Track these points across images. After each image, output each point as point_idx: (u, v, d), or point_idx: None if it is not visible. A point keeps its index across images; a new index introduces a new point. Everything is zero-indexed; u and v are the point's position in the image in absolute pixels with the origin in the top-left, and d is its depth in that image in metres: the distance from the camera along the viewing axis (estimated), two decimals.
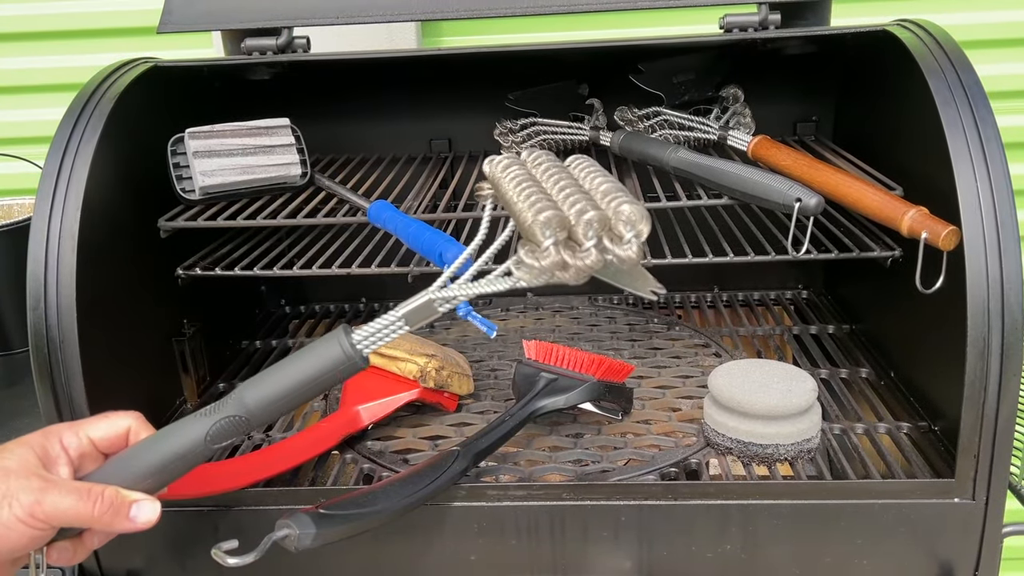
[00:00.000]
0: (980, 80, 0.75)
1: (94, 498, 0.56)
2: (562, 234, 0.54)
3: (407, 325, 0.61)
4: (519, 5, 0.89)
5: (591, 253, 0.53)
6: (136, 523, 0.57)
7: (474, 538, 0.76)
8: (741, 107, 1.05)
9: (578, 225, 0.53)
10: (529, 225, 0.54)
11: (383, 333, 0.61)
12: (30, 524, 0.54)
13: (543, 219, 0.53)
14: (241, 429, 0.59)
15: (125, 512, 0.57)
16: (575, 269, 0.54)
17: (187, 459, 0.59)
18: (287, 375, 0.60)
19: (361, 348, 0.60)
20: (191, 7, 0.92)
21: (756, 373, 0.80)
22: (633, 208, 0.53)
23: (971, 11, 1.42)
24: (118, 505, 0.57)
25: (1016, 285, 0.69)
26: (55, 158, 0.78)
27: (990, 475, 0.72)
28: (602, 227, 0.54)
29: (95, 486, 0.56)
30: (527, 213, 0.55)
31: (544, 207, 0.54)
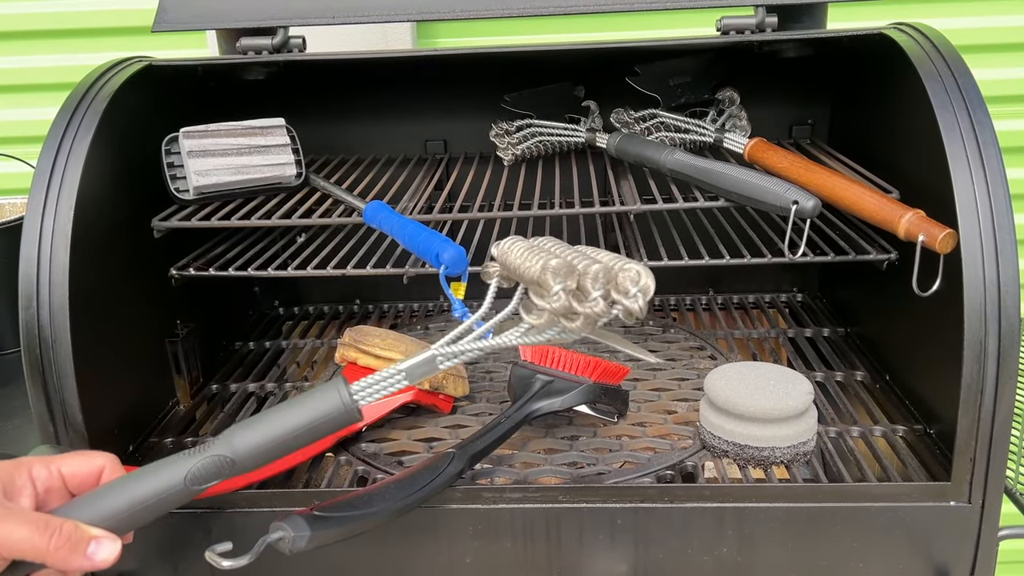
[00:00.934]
0: (977, 84, 0.75)
1: (51, 531, 0.53)
2: (571, 282, 0.56)
3: (408, 380, 0.62)
4: (515, 6, 0.89)
5: (598, 302, 0.55)
6: (94, 560, 0.55)
7: (469, 541, 0.75)
8: (737, 109, 1.05)
9: (586, 275, 0.56)
10: (538, 274, 0.57)
11: (382, 386, 0.62)
12: None
13: (553, 265, 0.56)
14: (225, 471, 0.58)
15: (83, 548, 0.54)
16: (583, 317, 0.56)
17: (163, 500, 0.57)
18: (280, 420, 0.59)
19: (358, 399, 0.60)
20: (186, 6, 0.91)
21: (752, 376, 0.80)
22: (639, 266, 0.55)
23: (968, 15, 1.43)
24: (76, 540, 0.54)
25: (1013, 288, 0.69)
26: (48, 157, 0.77)
27: (986, 478, 0.72)
28: (608, 280, 0.55)
29: (53, 518, 0.54)
30: (535, 266, 0.57)
31: (552, 259, 0.57)
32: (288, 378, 1.04)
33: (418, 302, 1.23)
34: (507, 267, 0.62)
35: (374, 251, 0.94)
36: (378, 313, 1.22)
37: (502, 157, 1.10)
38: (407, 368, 0.62)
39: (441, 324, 1.14)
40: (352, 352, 0.90)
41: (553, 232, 1.00)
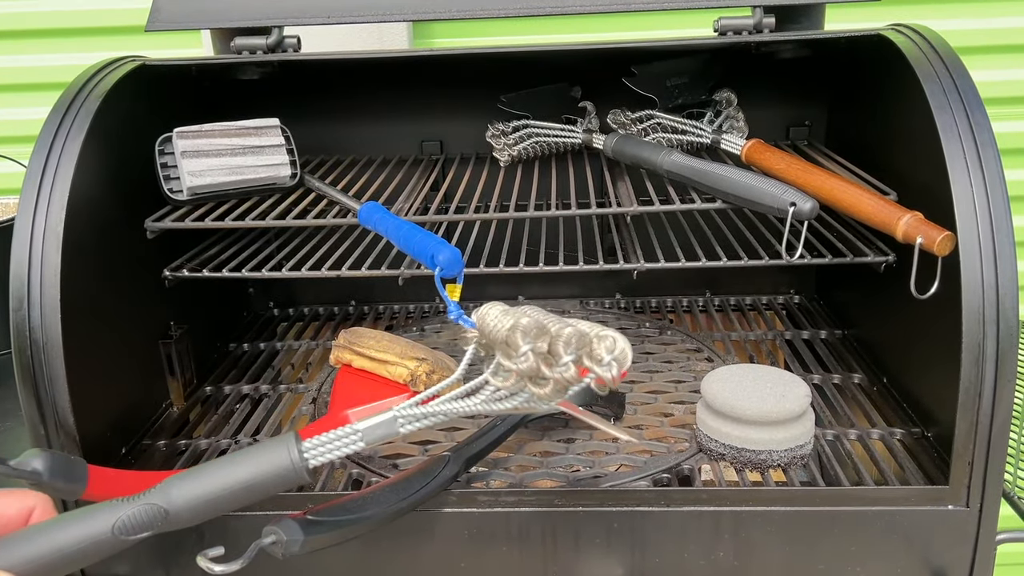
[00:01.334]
0: (975, 86, 0.74)
1: None
2: (541, 343, 0.54)
3: (363, 441, 0.59)
4: (511, 6, 0.88)
5: (569, 367, 0.52)
6: None
7: (464, 544, 0.75)
8: (734, 111, 1.05)
9: (558, 338, 0.53)
10: (507, 333, 0.54)
11: (336, 445, 0.58)
12: None
13: (523, 324, 0.54)
14: (158, 522, 0.55)
15: None
16: (552, 382, 0.53)
17: (88, 549, 0.54)
18: (223, 475, 0.56)
19: (308, 459, 0.57)
20: (180, 5, 0.91)
21: (749, 378, 0.79)
22: (617, 334, 0.53)
23: (967, 17, 1.43)
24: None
25: (1011, 291, 0.69)
26: (40, 157, 0.77)
27: (984, 482, 0.71)
28: (582, 345, 0.53)
29: None
30: (507, 327, 0.55)
31: (524, 318, 0.55)
32: (283, 380, 1.03)
33: (414, 303, 1.23)
34: (483, 331, 0.60)
35: (369, 252, 0.94)
36: (373, 314, 1.22)
37: (498, 158, 1.09)
38: (364, 429, 0.58)
39: (437, 326, 1.14)
40: (347, 354, 0.90)
41: (549, 234, 1.00)
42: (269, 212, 0.93)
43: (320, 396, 0.95)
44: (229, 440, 0.87)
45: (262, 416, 0.93)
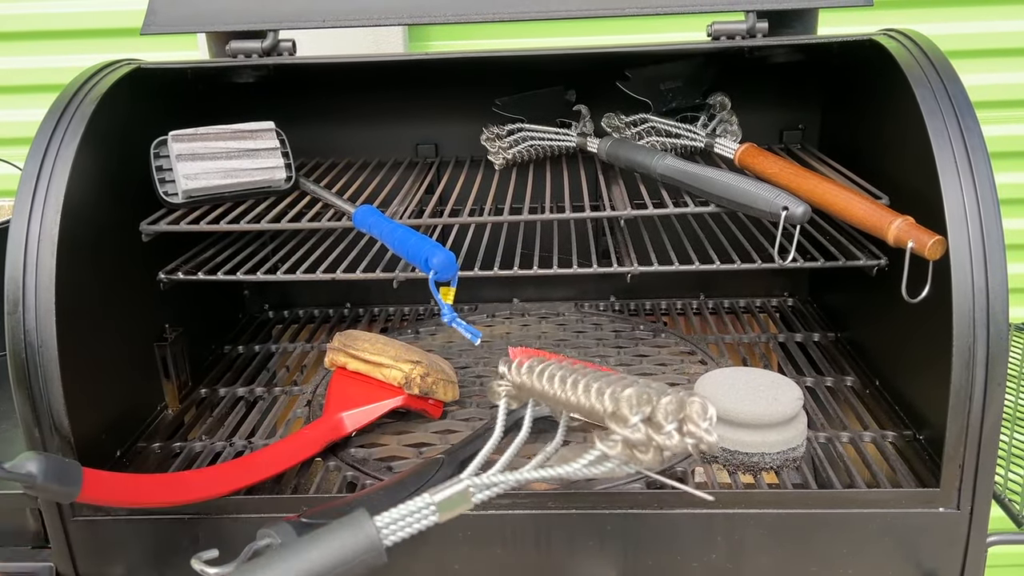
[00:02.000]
0: (966, 90, 0.75)
1: None
2: (646, 409, 0.54)
3: (438, 514, 0.58)
4: (506, 10, 0.89)
5: (672, 435, 0.53)
6: None
7: (459, 547, 0.75)
8: (728, 115, 1.05)
9: (658, 408, 0.53)
10: (607, 406, 0.55)
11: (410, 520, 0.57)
12: None
13: (627, 395, 0.54)
14: None
15: None
16: (654, 449, 0.53)
17: None
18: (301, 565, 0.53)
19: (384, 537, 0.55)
20: (175, 9, 0.91)
21: (742, 381, 0.80)
22: (700, 397, 0.53)
23: (957, 21, 1.43)
24: None
25: (1001, 295, 0.69)
26: (35, 160, 0.77)
27: (975, 484, 0.72)
28: (679, 412, 0.53)
29: None
30: (600, 396, 0.56)
31: (621, 388, 0.55)
32: (278, 382, 1.03)
33: (408, 306, 1.23)
34: (531, 391, 0.61)
35: (364, 255, 0.94)
36: (368, 317, 1.22)
37: (493, 161, 1.09)
38: (439, 502, 0.57)
39: (431, 328, 1.14)
40: (342, 357, 0.90)
41: (544, 237, 1.00)
42: (264, 215, 0.93)
43: (315, 399, 0.95)
44: (224, 443, 0.87)
45: (257, 418, 0.93)
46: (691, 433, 0.52)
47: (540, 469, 0.59)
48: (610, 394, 0.55)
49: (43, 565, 0.79)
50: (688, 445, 0.52)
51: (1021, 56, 1.45)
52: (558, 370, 0.61)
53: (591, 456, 0.56)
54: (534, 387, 0.61)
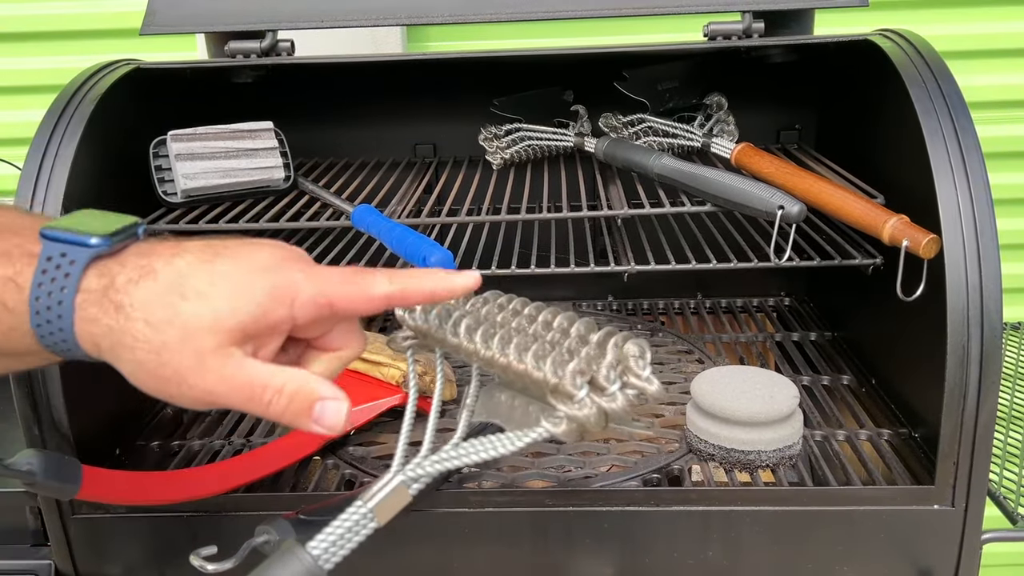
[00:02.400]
0: (960, 90, 0.75)
1: (268, 398, 0.47)
2: (588, 375, 0.51)
3: (375, 521, 0.54)
4: (504, 10, 0.89)
5: (616, 396, 0.50)
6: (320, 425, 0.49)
7: (456, 545, 0.75)
8: (725, 115, 1.05)
9: (600, 371, 0.50)
10: (548, 379, 0.51)
11: (347, 537, 0.54)
12: (198, 405, 0.47)
13: (572, 369, 0.50)
14: None
15: (307, 413, 0.49)
16: (601, 415, 0.50)
17: None
18: None
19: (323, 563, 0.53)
20: (174, 9, 0.91)
21: (738, 379, 0.80)
22: (631, 338, 0.51)
23: (952, 22, 1.44)
24: (297, 405, 0.48)
25: (995, 293, 0.70)
26: (35, 159, 0.77)
27: (969, 482, 0.72)
28: (620, 365, 0.51)
29: (274, 379, 0.48)
30: (538, 363, 0.52)
31: (560, 357, 0.52)
32: None
33: None
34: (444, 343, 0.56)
35: (362, 254, 0.94)
36: (367, 317, 1.22)
37: (491, 161, 1.10)
38: (374, 506, 0.54)
39: None
40: None
41: (541, 236, 1.00)
42: (263, 214, 0.93)
43: None
44: (223, 441, 0.88)
45: (254, 418, 0.94)
46: (632, 385, 0.50)
47: (475, 448, 0.54)
48: (551, 363, 0.51)
49: (42, 563, 0.79)
50: (632, 400, 0.50)
51: (1016, 57, 1.46)
52: (474, 320, 0.56)
53: (537, 434, 0.52)
54: (447, 339, 0.56)
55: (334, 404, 0.49)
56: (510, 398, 0.59)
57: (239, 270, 0.47)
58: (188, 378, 0.46)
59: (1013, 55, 1.46)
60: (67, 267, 0.46)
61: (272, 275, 0.48)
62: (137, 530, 0.77)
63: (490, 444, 0.53)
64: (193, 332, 0.45)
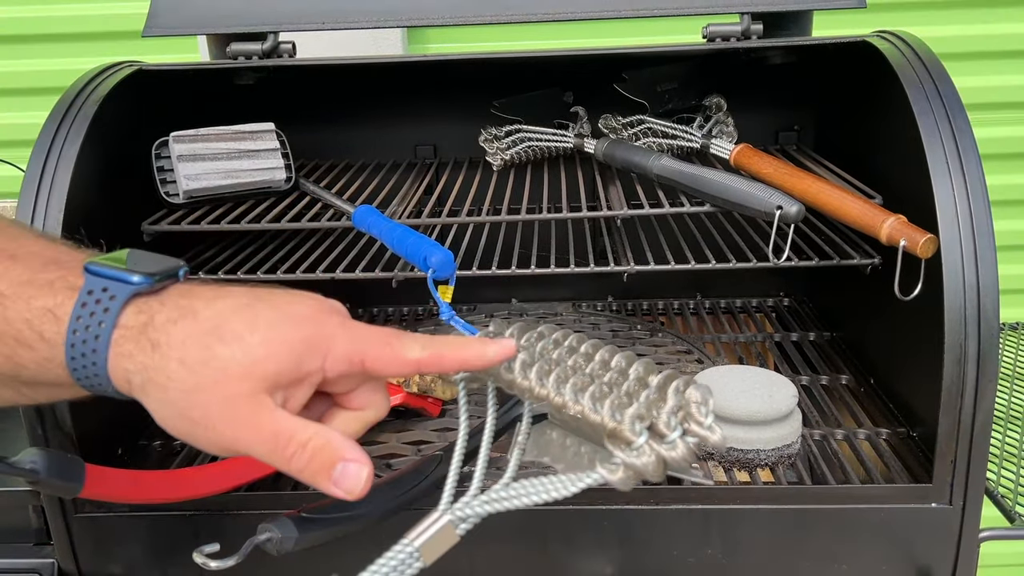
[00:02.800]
0: (958, 91, 0.76)
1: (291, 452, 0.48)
2: (648, 421, 0.49)
3: (422, 561, 0.52)
4: (504, 12, 0.90)
5: (677, 445, 0.48)
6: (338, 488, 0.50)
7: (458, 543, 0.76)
8: (724, 116, 1.06)
9: (659, 418, 0.49)
10: (607, 423, 0.50)
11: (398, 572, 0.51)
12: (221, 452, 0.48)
13: (631, 414, 0.49)
14: None
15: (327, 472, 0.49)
16: (659, 463, 0.49)
17: None
18: None
19: None
20: (176, 11, 0.92)
21: (737, 379, 0.81)
22: (701, 389, 0.49)
23: (950, 24, 1.45)
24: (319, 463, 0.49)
25: (992, 292, 0.70)
26: (38, 161, 0.78)
27: (967, 480, 0.73)
28: (680, 412, 0.49)
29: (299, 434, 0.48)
30: (596, 405, 0.50)
31: (618, 400, 0.50)
32: None
33: (407, 306, 1.24)
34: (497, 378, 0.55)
35: (363, 255, 0.95)
36: (368, 317, 1.23)
37: (491, 162, 1.10)
38: (421, 546, 0.52)
39: (430, 328, 1.15)
40: None
41: (541, 237, 1.01)
42: (264, 215, 0.94)
43: None
44: None
45: None
46: (694, 433, 0.48)
47: (527, 490, 0.53)
48: (609, 406, 0.50)
49: (45, 562, 0.80)
50: (693, 450, 0.49)
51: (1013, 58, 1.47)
52: (530, 356, 0.55)
53: (590, 480, 0.51)
54: (501, 374, 0.55)
55: (355, 467, 0.49)
56: (562, 437, 0.59)
57: (278, 318, 0.48)
58: (217, 423, 0.46)
59: (1010, 56, 1.46)
60: (107, 302, 0.46)
61: (310, 326, 0.48)
62: (140, 529, 0.77)
63: (542, 487, 0.52)
64: (228, 376, 0.45)
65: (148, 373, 0.46)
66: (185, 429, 0.47)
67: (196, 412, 0.46)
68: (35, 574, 0.79)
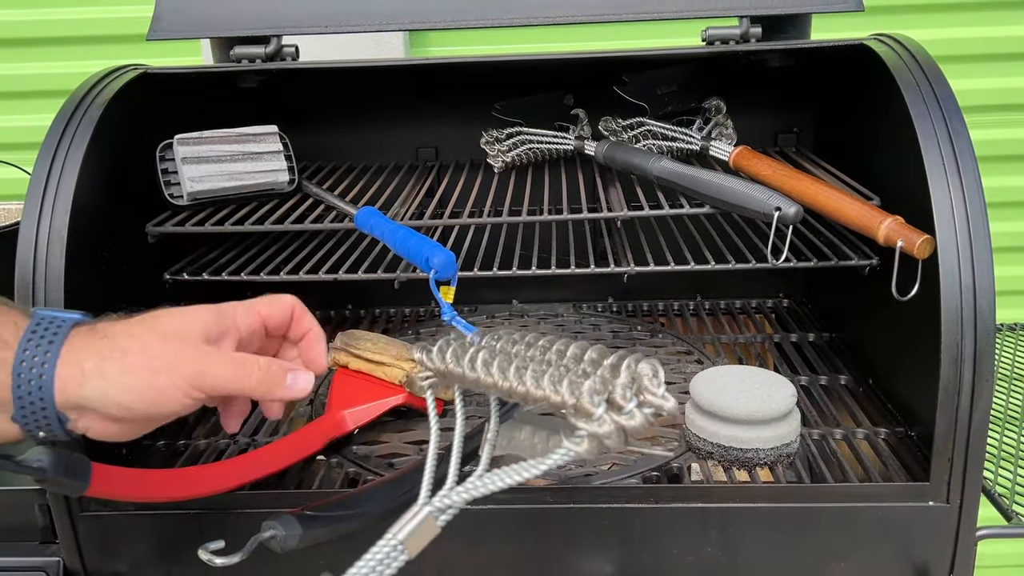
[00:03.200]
0: (954, 94, 0.77)
1: (250, 369, 0.58)
2: (605, 395, 0.52)
3: (406, 554, 0.56)
4: (506, 16, 0.91)
5: (635, 414, 0.51)
6: (293, 391, 0.60)
7: (456, 541, 0.76)
8: (723, 118, 1.07)
9: (615, 389, 0.52)
10: (567, 399, 0.52)
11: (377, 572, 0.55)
12: (188, 393, 0.56)
13: (588, 387, 0.52)
14: None
15: (281, 380, 0.59)
16: (620, 432, 0.52)
17: None
18: None
19: None
20: (181, 15, 0.93)
21: (736, 378, 0.81)
22: (651, 362, 0.52)
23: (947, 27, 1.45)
24: (274, 374, 0.59)
25: (988, 293, 0.71)
26: (44, 163, 0.79)
27: (964, 478, 0.73)
28: (634, 382, 0.52)
29: (250, 357, 0.59)
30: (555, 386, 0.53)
31: (574, 379, 0.53)
32: None
33: (409, 307, 1.24)
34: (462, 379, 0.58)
35: (366, 256, 0.96)
36: (370, 318, 1.24)
37: (492, 164, 1.11)
38: (404, 539, 0.56)
39: (432, 329, 1.15)
40: (344, 356, 0.91)
41: (542, 238, 1.02)
42: (267, 217, 0.95)
43: (317, 398, 0.97)
44: (227, 440, 0.89)
45: (260, 416, 0.95)
46: (649, 403, 0.51)
47: (501, 475, 0.56)
48: (568, 385, 0.53)
49: (51, 560, 0.80)
50: (650, 418, 0.52)
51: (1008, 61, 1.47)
52: (489, 353, 0.58)
53: (560, 454, 0.54)
54: (465, 375, 0.58)
55: (303, 374, 0.61)
56: (530, 433, 0.62)
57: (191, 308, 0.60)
58: (177, 364, 0.55)
59: (1006, 59, 1.47)
60: (55, 328, 0.55)
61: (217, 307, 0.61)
62: (145, 527, 0.78)
63: (515, 471, 0.56)
64: (170, 334, 0.57)
65: (102, 353, 0.54)
66: (151, 382, 0.55)
67: (157, 363, 0.55)
68: (41, 572, 0.80)
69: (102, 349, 0.55)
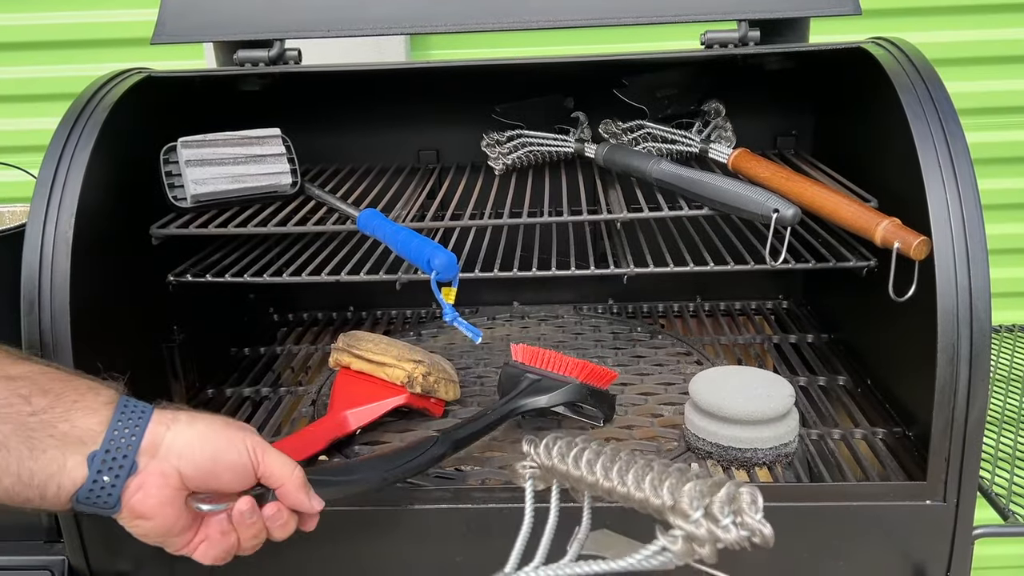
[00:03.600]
0: (950, 96, 0.77)
1: (293, 466, 0.64)
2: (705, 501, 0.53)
3: None
4: (506, 19, 0.91)
5: (730, 528, 0.52)
6: (313, 502, 0.65)
7: (460, 540, 0.77)
8: (722, 121, 1.07)
9: (715, 501, 0.53)
10: (666, 500, 0.54)
11: None
12: (247, 453, 0.62)
13: (688, 489, 0.53)
14: None
15: (307, 490, 0.65)
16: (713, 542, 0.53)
17: None
18: None
19: None
20: (184, 19, 0.93)
21: (735, 379, 0.82)
22: (752, 489, 0.53)
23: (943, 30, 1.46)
24: (304, 481, 0.65)
25: (984, 293, 0.71)
26: (50, 166, 0.79)
27: (960, 478, 0.74)
28: (733, 503, 0.53)
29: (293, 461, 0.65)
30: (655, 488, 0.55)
31: (677, 480, 0.55)
32: (283, 383, 1.05)
33: (411, 308, 1.25)
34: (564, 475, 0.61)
35: (367, 258, 0.96)
36: (371, 320, 1.24)
37: (493, 167, 1.12)
38: None
39: (433, 330, 1.16)
40: (346, 357, 0.92)
41: (543, 240, 1.02)
42: (270, 219, 0.95)
43: (319, 398, 0.98)
44: None
45: (263, 418, 0.96)
46: (745, 524, 0.52)
47: (591, 565, 0.59)
48: (668, 487, 0.55)
49: (55, 559, 0.81)
50: (744, 537, 0.52)
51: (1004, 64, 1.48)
52: (594, 454, 0.60)
53: (652, 549, 0.55)
54: (569, 472, 0.61)
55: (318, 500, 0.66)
56: (618, 539, 0.63)
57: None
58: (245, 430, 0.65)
59: (1001, 62, 1.48)
60: (141, 410, 0.62)
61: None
62: None
63: (604, 563, 0.58)
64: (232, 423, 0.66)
65: (187, 415, 0.63)
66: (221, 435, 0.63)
67: (233, 425, 0.64)
68: (46, 571, 0.81)
69: (184, 414, 0.63)
